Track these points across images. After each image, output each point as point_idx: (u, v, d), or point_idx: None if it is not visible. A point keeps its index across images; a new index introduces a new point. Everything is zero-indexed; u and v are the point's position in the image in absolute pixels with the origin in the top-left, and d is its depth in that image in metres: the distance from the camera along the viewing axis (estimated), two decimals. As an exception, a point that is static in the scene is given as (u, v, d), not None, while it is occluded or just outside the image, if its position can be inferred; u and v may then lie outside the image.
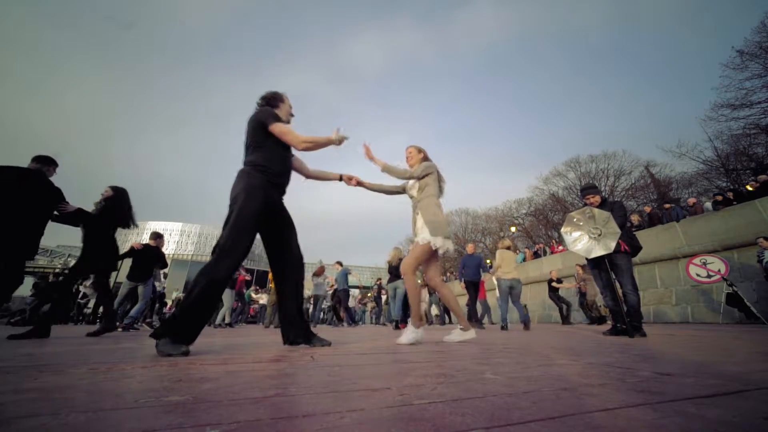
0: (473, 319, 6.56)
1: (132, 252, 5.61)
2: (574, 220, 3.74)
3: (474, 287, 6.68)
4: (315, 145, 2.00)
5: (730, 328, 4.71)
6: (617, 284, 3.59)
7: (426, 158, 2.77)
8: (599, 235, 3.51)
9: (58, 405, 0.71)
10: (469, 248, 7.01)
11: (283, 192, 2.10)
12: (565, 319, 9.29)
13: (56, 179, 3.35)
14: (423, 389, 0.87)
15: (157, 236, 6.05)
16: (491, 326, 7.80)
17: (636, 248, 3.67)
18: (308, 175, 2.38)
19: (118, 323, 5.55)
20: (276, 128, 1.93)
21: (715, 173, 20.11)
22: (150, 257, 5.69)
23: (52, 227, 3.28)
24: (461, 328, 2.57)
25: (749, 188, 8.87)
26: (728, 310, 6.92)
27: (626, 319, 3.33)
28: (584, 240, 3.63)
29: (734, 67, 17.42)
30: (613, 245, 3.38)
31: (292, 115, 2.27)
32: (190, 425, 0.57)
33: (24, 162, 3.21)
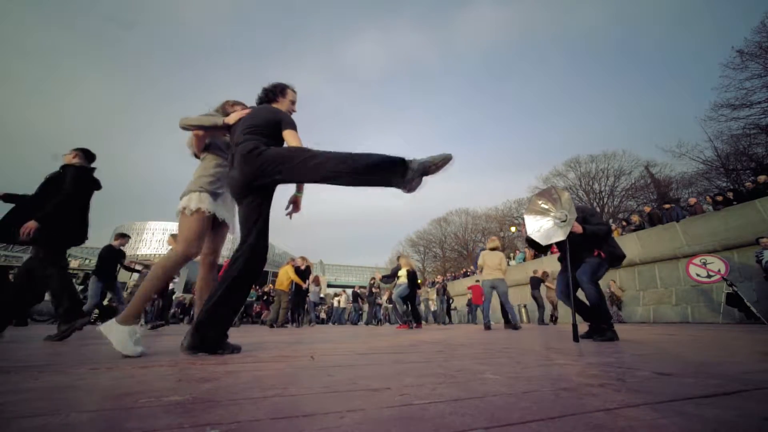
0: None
1: None
2: (540, 203, 3.17)
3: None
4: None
5: (730, 328, 4.71)
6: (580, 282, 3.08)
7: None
8: (564, 222, 2.92)
9: (58, 405, 0.71)
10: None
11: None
12: (554, 319, 9.54)
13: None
14: (423, 389, 0.87)
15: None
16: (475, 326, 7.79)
17: (615, 257, 3.15)
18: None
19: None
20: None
21: (715, 173, 20.13)
22: None
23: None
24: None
25: (748, 185, 8.92)
26: (728, 310, 6.92)
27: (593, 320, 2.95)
28: (547, 225, 3.08)
29: (734, 67, 17.47)
30: (568, 231, 2.88)
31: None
32: (190, 425, 0.57)
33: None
